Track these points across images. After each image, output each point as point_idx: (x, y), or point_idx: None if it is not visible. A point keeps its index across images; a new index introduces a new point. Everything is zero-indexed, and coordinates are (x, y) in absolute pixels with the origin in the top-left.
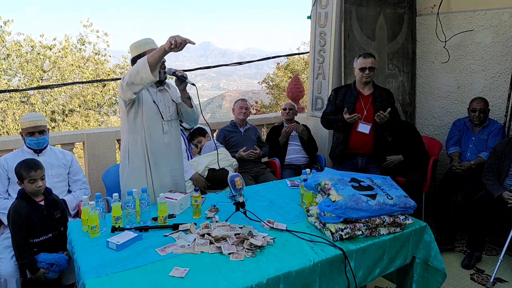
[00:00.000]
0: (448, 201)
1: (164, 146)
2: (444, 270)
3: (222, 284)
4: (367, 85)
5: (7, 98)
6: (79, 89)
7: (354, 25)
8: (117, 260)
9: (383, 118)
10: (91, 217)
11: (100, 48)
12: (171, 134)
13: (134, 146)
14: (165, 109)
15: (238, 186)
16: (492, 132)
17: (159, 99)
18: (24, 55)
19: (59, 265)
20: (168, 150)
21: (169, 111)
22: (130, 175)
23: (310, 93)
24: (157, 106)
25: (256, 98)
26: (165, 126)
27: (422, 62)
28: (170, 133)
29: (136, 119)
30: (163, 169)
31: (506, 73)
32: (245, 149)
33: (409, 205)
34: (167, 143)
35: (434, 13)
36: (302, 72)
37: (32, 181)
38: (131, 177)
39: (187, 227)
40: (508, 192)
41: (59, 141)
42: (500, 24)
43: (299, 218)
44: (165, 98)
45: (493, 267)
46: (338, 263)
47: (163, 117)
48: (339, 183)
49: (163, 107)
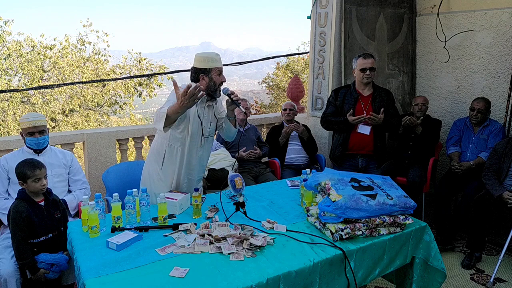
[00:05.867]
0: (448, 201)
1: (198, 159)
2: (444, 270)
3: (222, 284)
4: (367, 86)
5: (8, 98)
6: (79, 89)
7: (354, 25)
8: (117, 260)
9: (375, 119)
10: (91, 217)
11: (100, 48)
12: (206, 148)
13: (170, 153)
14: (207, 124)
15: (238, 186)
16: (492, 132)
17: (205, 114)
18: (25, 55)
19: (59, 265)
20: (200, 163)
21: (209, 126)
22: (159, 177)
23: (310, 93)
24: (200, 122)
25: (256, 98)
26: (203, 140)
27: (422, 62)
28: (205, 147)
29: (179, 131)
30: (190, 177)
31: (506, 73)
32: (245, 149)
33: (409, 205)
34: (200, 156)
35: (434, 13)
36: (302, 72)
37: (36, 180)
38: (160, 178)
39: (187, 227)
40: (508, 192)
41: (59, 141)
42: (500, 24)
43: (299, 218)
44: (210, 114)
45: (493, 267)
46: (338, 263)
47: (203, 133)
48: (339, 183)
49: (206, 122)
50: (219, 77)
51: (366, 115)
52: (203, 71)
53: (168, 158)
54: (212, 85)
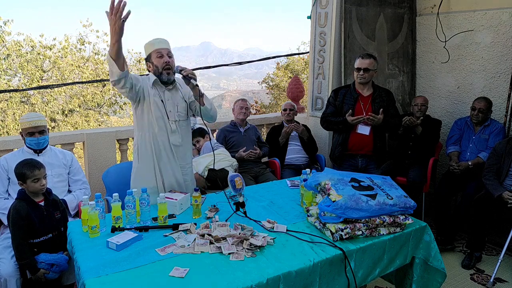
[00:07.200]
0: (448, 201)
1: (170, 145)
2: (444, 270)
3: (222, 284)
4: (366, 86)
5: (7, 98)
6: (79, 89)
7: (354, 25)
8: (117, 260)
9: (374, 120)
10: (91, 217)
11: (100, 48)
12: (179, 133)
13: (142, 142)
14: (173, 108)
15: (238, 186)
16: (493, 132)
17: (167, 98)
18: (24, 55)
19: (59, 266)
20: (176, 149)
21: (177, 110)
22: (138, 171)
23: (310, 93)
24: (164, 106)
25: (256, 98)
26: (172, 126)
27: (422, 62)
28: (178, 133)
29: (143, 116)
30: (170, 168)
31: (506, 73)
32: (245, 149)
33: (409, 205)
34: (174, 143)
35: (434, 13)
36: (302, 72)
37: (36, 180)
38: (139, 173)
39: (187, 227)
40: (508, 192)
41: (59, 141)
42: (500, 24)
43: (299, 218)
44: (175, 97)
45: (493, 267)
46: (338, 263)
47: (169, 117)
48: (339, 183)
49: (170, 106)
50: (160, 59)
51: (365, 116)
52: (147, 58)
53: (141, 148)
54: (156, 70)
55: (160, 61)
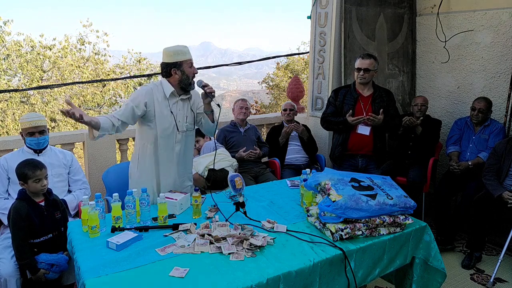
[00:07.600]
0: (448, 201)
1: (174, 154)
2: (444, 270)
3: (222, 284)
4: (366, 86)
5: (7, 98)
6: (79, 89)
7: (354, 25)
8: (117, 260)
9: (374, 120)
10: (91, 217)
11: (100, 48)
12: (184, 143)
13: (143, 153)
14: (182, 119)
15: (238, 186)
16: (493, 132)
17: (179, 108)
18: (24, 55)
19: (60, 266)
20: (178, 158)
21: (186, 121)
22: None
23: (310, 93)
24: (174, 118)
25: (256, 98)
26: (179, 136)
27: (422, 62)
28: (183, 142)
29: (149, 130)
30: (170, 175)
31: (506, 73)
32: (245, 149)
33: (409, 205)
34: (177, 152)
35: (434, 13)
36: (302, 72)
37: (37, 181)
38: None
39: (187, 227)
40: (508, 192)
41: (59, 141)
42: (500, 24)
43: (299, 218)
44: (185, 107)
45: (493, 267)
46: (338, 263)
47: (179, 128)
48: (339, 183)
49: (180, 117)
50: (190, 69)
51: (365, 116)
52: (174, 65)
53: (142, 157)
54: (185, 78)
55: (191, 70)
